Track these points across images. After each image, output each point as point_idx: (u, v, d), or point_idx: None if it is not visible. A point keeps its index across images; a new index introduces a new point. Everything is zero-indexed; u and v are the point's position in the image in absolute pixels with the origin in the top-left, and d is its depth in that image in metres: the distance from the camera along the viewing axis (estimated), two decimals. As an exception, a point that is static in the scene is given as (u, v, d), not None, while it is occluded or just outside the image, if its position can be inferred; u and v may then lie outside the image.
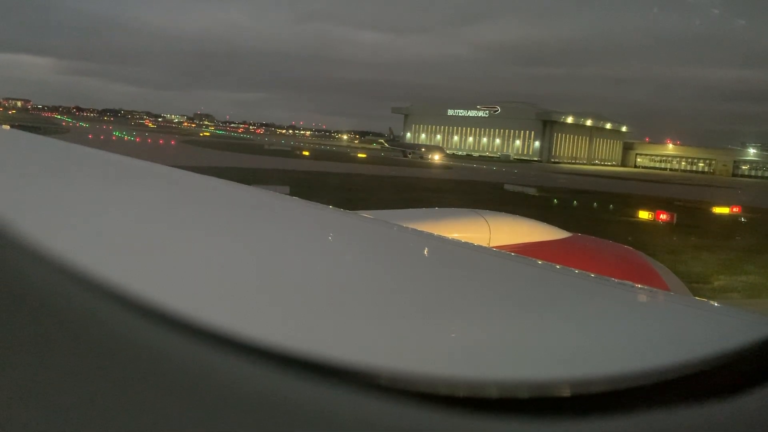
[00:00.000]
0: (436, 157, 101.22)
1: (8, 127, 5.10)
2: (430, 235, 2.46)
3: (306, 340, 0.97)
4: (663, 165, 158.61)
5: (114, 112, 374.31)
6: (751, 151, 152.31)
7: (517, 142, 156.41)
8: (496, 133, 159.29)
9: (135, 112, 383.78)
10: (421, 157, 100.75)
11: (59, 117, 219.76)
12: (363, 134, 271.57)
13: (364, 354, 0.95)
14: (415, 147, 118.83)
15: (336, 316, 1.14)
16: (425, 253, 2.04)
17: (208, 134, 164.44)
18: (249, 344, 0.84)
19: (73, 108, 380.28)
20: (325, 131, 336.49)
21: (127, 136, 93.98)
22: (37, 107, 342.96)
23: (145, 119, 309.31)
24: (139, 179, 2.83)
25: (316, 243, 1.91)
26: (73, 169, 2.93)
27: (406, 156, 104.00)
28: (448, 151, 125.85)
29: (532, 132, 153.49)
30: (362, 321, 1.14)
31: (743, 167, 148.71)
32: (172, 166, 3.35)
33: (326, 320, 1.11)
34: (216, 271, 1.36)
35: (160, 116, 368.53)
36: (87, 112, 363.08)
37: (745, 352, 0.94)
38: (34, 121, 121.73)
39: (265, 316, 1.08)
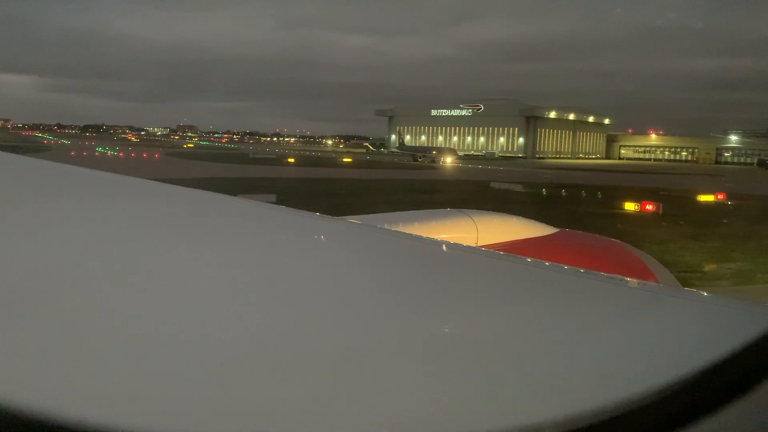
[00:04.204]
0: (449, 160, 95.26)
1: None
2: (420, 238, 2.45)
3: (301, 340, 1.02)
4: (647, 155, 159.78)
5: (96, 128, 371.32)
6: (733, 138, 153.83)
7: (502, 140, 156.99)
8: (481, 131, 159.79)
9: (117, 126, 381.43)
10: (433, 161, 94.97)
11: (40, 135, 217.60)
12: (348, 138, 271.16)
13: (358, 354, 0.99)
14: (426, 150, 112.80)
15: (331, 326, 1.15)
16: (415, 257, 2.02)
17: (191, 145, 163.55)
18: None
19: (54, 125, 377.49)
20: (310, 137, 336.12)
21: (111, 151, 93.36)
22: (17, 126, 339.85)
23: (128, 133, 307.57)
24: (122, 195, 2.80)
25: (305, 252, 1.89)
26: (56, 187, 2.89)
27: (416, 160, 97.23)
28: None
29: (516, 128, 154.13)
30: (358, 327, 1.15)
31: (726, 154, 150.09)
32: (156, 180, 3.32)
33: (321, 328, 1.12)
34: (201, 287, 1.34)
35: (143, 130, 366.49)
36: (68, 129, 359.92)
37: (744, 349, 0.93)
38: (14, 140, 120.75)
39: (257, 326, 1.09)
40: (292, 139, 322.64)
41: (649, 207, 33.94)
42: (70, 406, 0.77)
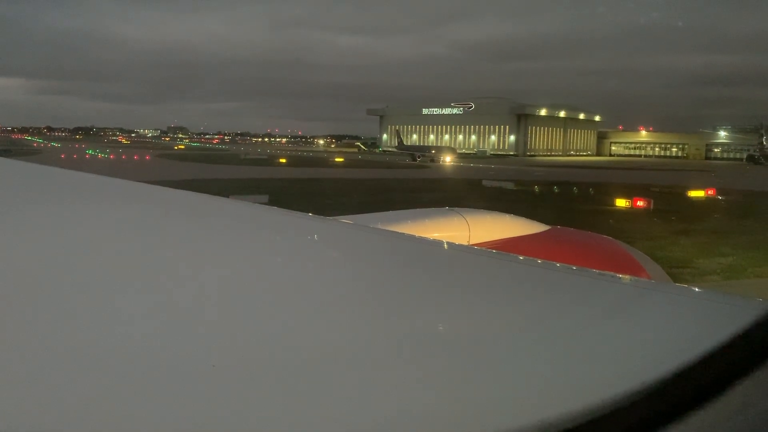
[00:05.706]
0: (448, 159, 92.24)
1: None
2: (412, 237, 2.46)
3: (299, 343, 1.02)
4: (637, 152, 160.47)
5: (86, 130, 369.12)
6: (722, 134, 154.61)
7: (493, 138, 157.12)
8: (472, 130, 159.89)
9: (107, 128, 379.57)
10: (432, 160, 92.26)
11: (30, 138, 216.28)
12: (340, 138, 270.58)
13: (352, 354, 0.99)
14: (424, 149, 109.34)
15: (325, 325, 1.15)
16: (408, 256, 2.03)
17: (182, 147, 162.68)
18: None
19: (44, 128, 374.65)
20: (301, 137, 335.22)
21: (101, 153, 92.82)
22: (6, 129, 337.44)
23: (119, 135, 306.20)
24: (114, 197, 2.80)
25: (298, 252, 1.90)
26: (46, 190, 2.88)
27: (415, 160, 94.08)
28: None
29: (507, 126, 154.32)
30: (351, 326, 1.15)
31: (715, 150, 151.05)
32: (148, 182, 3.31)
33: (318, 328, 1.13)
34: (193, 289, 1.34)
35: (133, 131, 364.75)
36: (58, 132, 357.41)
37: (734, 342, 0.94)
38: (3, 143, 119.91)
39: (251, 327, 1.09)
40: (284, 140, 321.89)
41: (640, 203, 34.06)
42: (63, 407, 0.77)
